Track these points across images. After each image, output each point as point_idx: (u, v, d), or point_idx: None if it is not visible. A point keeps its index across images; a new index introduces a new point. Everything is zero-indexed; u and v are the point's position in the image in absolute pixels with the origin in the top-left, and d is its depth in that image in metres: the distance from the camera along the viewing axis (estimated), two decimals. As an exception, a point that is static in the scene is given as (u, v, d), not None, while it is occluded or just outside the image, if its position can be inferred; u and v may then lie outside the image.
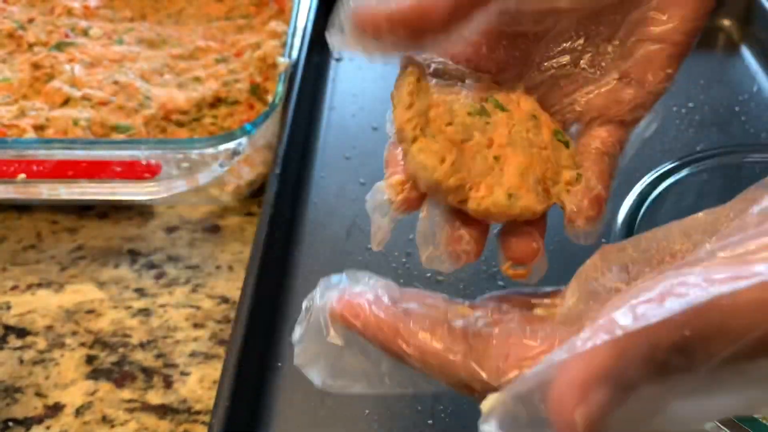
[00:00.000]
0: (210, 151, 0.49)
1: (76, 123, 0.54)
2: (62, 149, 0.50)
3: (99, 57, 0.61)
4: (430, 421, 0.41)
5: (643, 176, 0.45)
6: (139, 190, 0.50)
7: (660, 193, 0.44)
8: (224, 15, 0.68)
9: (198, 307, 0.48)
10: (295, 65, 0.63)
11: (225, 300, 0.49)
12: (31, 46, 0.62)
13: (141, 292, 0.49)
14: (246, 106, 0.57)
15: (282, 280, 0.49)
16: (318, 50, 0.70)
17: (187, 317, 0.48)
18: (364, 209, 0.55)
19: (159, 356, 0.45)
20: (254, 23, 0.67)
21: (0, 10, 0.66)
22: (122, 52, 0.62)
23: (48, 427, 0.42)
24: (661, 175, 0.44)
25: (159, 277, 0.50)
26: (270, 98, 0.56)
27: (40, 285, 0.50)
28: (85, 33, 0.64)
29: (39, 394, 0.43)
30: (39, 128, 0.54)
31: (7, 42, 0.63)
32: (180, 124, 0.56)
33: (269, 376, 0.43)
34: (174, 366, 0.45)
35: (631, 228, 0.41)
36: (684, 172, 0.45)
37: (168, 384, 0.44)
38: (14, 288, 0.50)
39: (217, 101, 0.58)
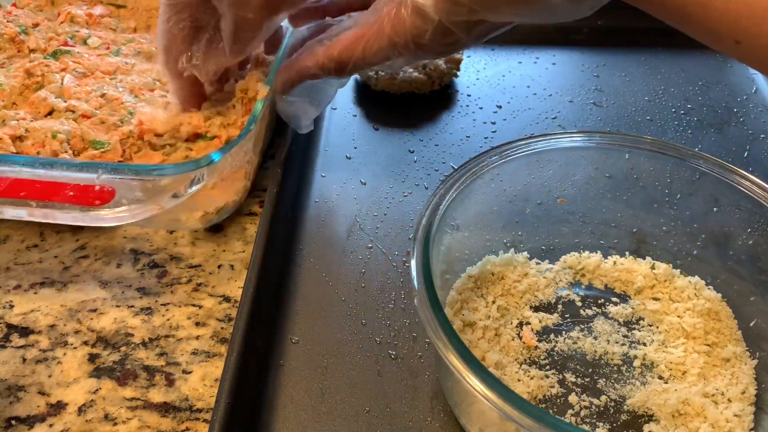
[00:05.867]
0: (165, 180, 0.46)
1: (54, 136, 0.52)
2: (7, 167, 0.47)
3: (92, 68, 0.60)
4: (429, 419, 0.41)
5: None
6: (105, 214, 0.47)
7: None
8: None
9: (200, 306, 0.49)
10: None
11: (227, 299, 0.49)
12: (31, 51, 0.62)
13: (143, 291, 0.50)
14: (223, 141, 0.54)
15: (283, 279, 0.50)
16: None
17: (189, 316, 0.48)
18: (365, 208, 0.56)
19: (161, 355, 0.46)
20: None
21: (6, 14, 0.65)
22: (117, 63, 0.61)
23: (51, 426, 0.42)
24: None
25: (161, 276, 0.51)
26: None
27: (42, 284, 0.50)
28: (84, 42, 0.64)
29: (42, 393, 0.44)
30: (17, 139, 0.52)
31: (8, 46, 0.62)
32: (153, 147, 0.54)
33: (270, 375, 0.44)
34: (176, 364, 0.45)
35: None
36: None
37: (170, 382, 0.44)
38: (17, 287, 0.50)
39: (195, 137, 0.55)
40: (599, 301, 0.47)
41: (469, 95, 0.68)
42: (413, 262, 0.38)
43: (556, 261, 0.49)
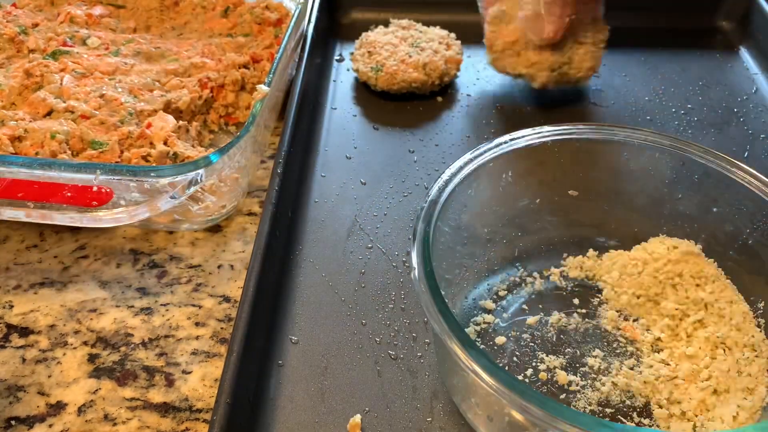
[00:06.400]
0: (163, 181, 0.46)
1: (53, 136, 0.52)
2: (5, 168, 0.47)
3: (91, 68, 0.60)
4: (429, 419, 0.41)
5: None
6: (103, 215, 0.47)
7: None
8: (227, 31, 0.68)
9: (199, 306, 0.49)
10: (297, 66, 0.63)
11: (226, 299, 0.49)
12: (30, 52, 0.62)
13: (143, 291, 0.50)
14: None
15: (283, 279, 0.50)
16: (320, 51, 0.71)
17: (189, 316, 0.48)
18: (364, 208, 0.56)
19: (161, 355, 0.45)
20: (253, 44, 0.66)
21: (6, 14, 0.65)
22: (116, 64, 0.61)
23: (50, 426, 0.42)
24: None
25: (161, 276, 0.51)
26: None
27: (42, 284, 0.50)
28: (83, 42, 0.64)
29: (41, 393, 0.44)
30: (16, 139, 0.52)
31: (8, 47, 0.62)
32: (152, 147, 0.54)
33: (270, 375, 0.44)
34: (176, 365, 0.45)
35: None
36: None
37: (170, 382, 0.44)
38: (17, 287, 0.50)
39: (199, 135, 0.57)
40: (600, 300, 0.47)
41: (469, 95, 0.68)
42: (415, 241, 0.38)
43: (558, 261, 0.49)
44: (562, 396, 0.41)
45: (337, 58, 0.73)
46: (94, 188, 0.47)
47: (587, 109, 0.66)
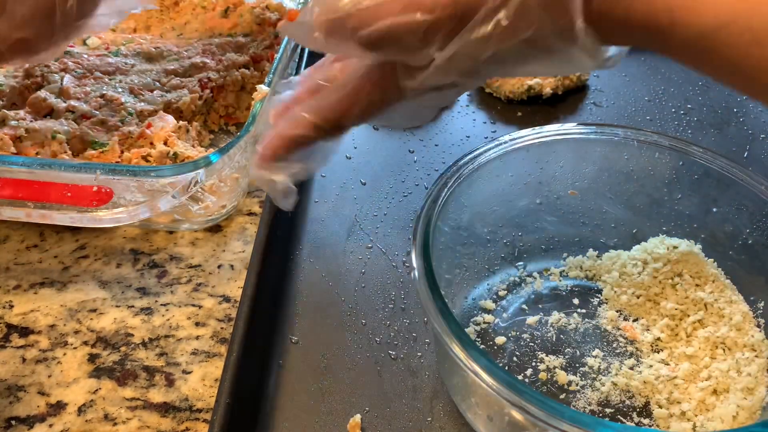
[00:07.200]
0: (164, 181, 0.46)
1: (54, 136, 0.52)
2: (5, 168, 0.47)
3: (91, 68, 0.60)
4: (429, 419, 0.41)
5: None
6: (104, 215, 0.47)
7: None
8: (227, 31, 0.68)
9: (200, 306, 0.49)
10: (297, 66, 0.63)
11: (226, 299, 0.49)
12: None
13: (143, 291, 0.50)
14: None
15: (283, 279, 0.50)
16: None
17: (189, 316, 0.48)
18: (365, 208, 0.56)
19: (161, 355, 0.45)
20: (253, 44, 0.66)
21: None
22: (116, 64, 0.61)
23: (50, 426, 0.42)
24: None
25: (161, 276, 0.51)
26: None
27: (42, 284, 0.50)
28: (83, 42, 0.64)
29: (41, 393, 0.44)
30: (16, 139, 0.52)
31: None
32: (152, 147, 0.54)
33: (270, 375, 0.44)
34: (176, 364, 0.45)
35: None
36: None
37: (170, 382, 0.44)
38: (17, 287, 0.50)
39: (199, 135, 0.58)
40: (600, 299, 0.47)
41: (469, 95, 0.68)
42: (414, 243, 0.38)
43: (558, 261, 0.49)
44: (562, 396, 0.41)
45: (337, 58, 0.73)
46: (94, 188, 0.47)
47: (587, 109, 0.66)
